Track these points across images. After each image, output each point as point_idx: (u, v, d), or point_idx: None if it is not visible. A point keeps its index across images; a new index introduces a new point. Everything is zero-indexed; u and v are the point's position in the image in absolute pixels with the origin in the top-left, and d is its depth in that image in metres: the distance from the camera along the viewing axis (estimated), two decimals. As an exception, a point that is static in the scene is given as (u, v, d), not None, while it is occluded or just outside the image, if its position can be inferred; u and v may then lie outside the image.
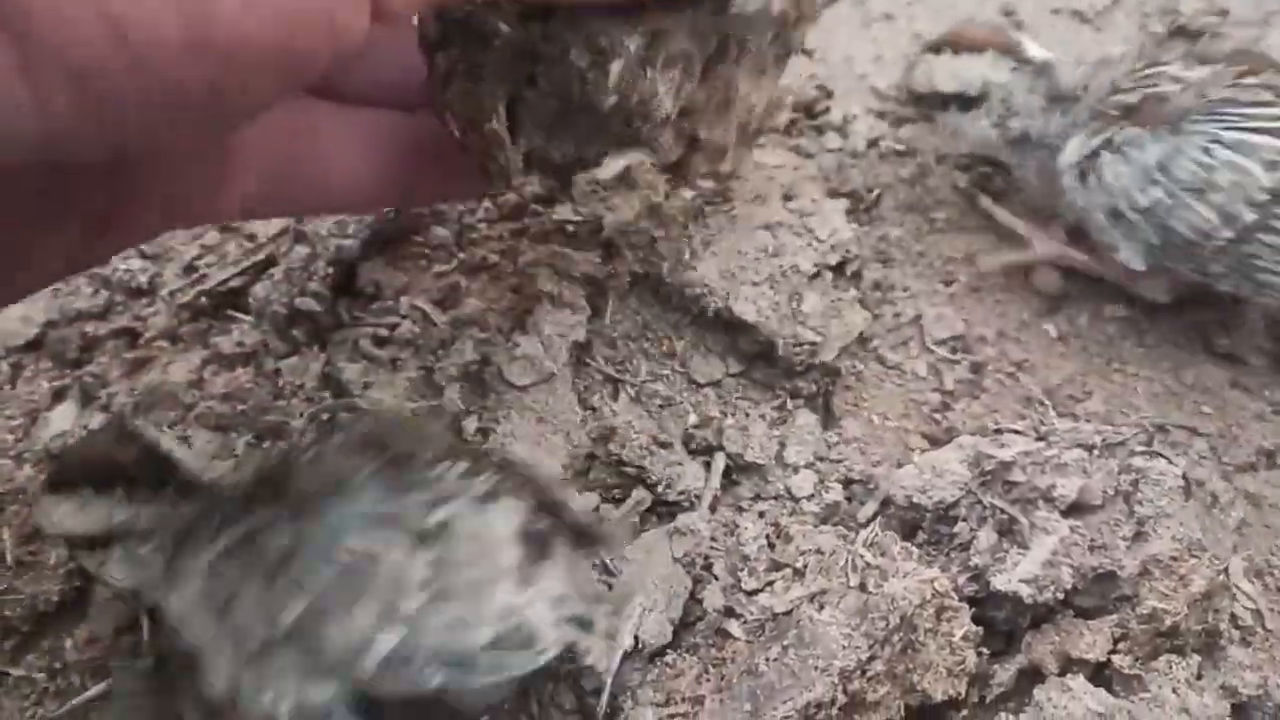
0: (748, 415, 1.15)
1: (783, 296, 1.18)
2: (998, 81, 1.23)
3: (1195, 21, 1.22)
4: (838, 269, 1.23)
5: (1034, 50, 1.25)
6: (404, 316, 1.24)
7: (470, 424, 1.15)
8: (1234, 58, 1.15)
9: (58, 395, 1.20)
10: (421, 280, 1.29)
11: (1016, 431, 1.05)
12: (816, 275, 1.20)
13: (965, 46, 1.25)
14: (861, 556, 0.90)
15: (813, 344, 1.16)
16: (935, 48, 1.27)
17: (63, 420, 1.16)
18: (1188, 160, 1.09)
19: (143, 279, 1.30)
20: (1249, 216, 1.07)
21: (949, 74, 1.24)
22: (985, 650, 0.91)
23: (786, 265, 1.20)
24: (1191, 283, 1.18)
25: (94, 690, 1.01)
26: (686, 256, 1.22)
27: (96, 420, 1.16)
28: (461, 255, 1.31)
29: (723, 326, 1.21)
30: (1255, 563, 1.08)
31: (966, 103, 1.25)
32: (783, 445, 1.14)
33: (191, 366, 1.21)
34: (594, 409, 1.18)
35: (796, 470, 1.12)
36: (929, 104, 1.30)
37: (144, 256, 1.33)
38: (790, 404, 1.17)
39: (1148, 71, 1.15)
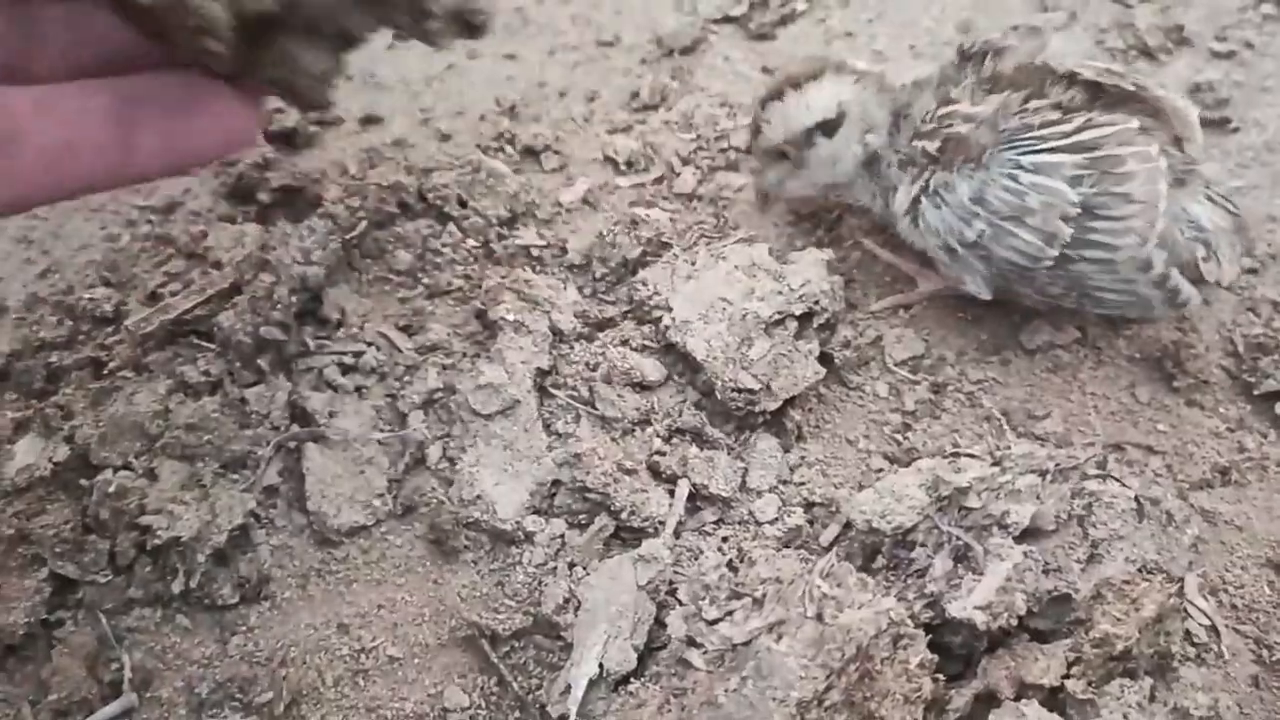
0: (711, 444, 1.17)
1: (734, 339, 1.19)
2: (848, 98, 1.24)
3: (994, 41, 1.24)
4: (803, 319, 1.23)
5: (862, 64, 1.27)
6: (369, 344, 1.25)
7: (434, 451, 1.16)
8: (1016, 80, 1.18)
9: (20, 427, 1.20)
10: (386, 305, 1.30)
11: (973, 455, 1.07)
12: (778, 323, 1.21)
13: (803, 79, 1.24)
14: (818, 587, 0.91)
15: (751, 391, 1.17)
16: (775, 95, 1.25)
17: (27, 454, 1.15)
18: (998, 190, 1.13)
19: (107, 307, 1.30)
20: (1066, 232, 1.11)
21: (803, 108, 1.24)
22: (941, 676, 0.92)
23: (749, 308, 1.21)
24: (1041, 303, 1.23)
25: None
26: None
27: (61, 452, 1.15)
28: (425, 281, 1.32)
29: (679, 358, 1.23)
30: (1210, 579, 1.10)
31: (830, 127, 1.25)
32: (745, 471, 1.15)
33: (157, 396, 1.21)
34: (559, 434, 1.19)
35: (759, 495, 1.13)
36: (796, 146, 1.26)
37: (107, 284, 1.33)
38: (750, 433, 1.18)
39: (942, 112, 1.18)
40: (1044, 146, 1.12)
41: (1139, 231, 1.11)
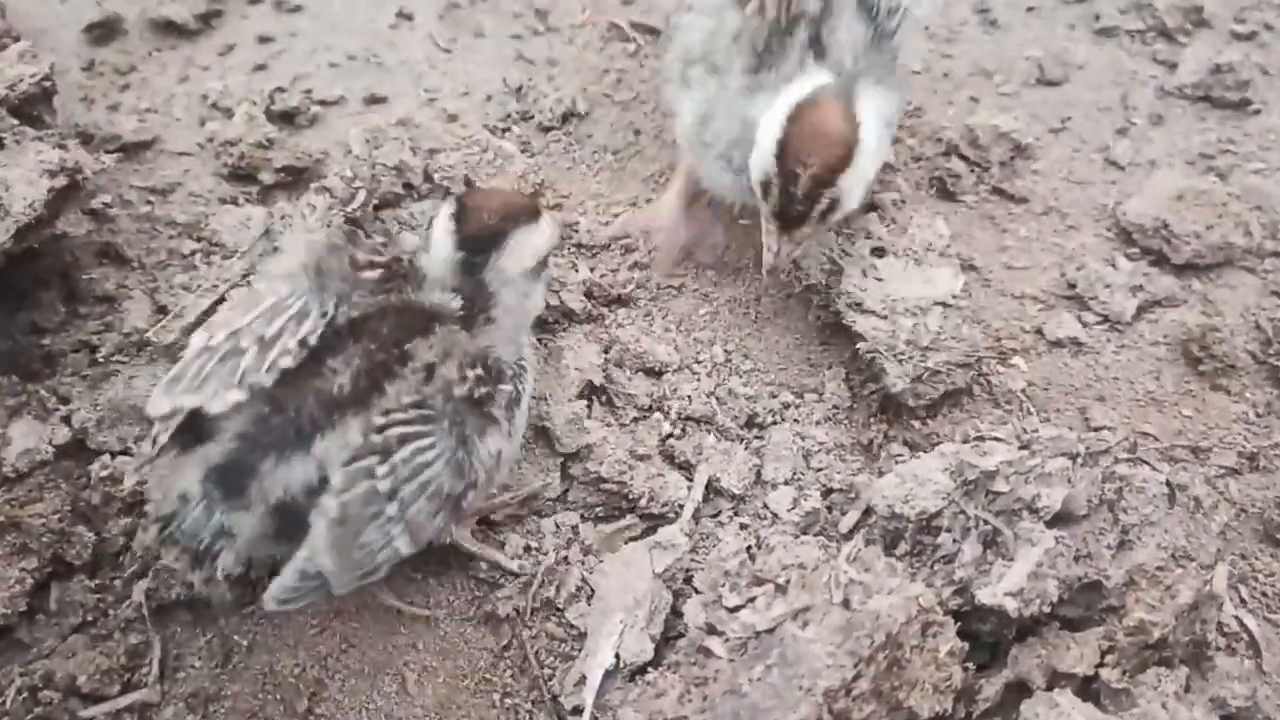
0: (724, 436, 1.15)
1: None
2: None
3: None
4: None
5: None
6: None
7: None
8: None
9: (14, 412, 1.16)
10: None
11: (998, 439, 1.04)
12: None
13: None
14: (845, 572, 0.88)
15: None
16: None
17: (25, 438, 1.12)
18: None
19: (107, 286, 1.26)
20: None
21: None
22: (971, 665, 0.89)
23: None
24: None
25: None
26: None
27: (61, 435, 1.12)
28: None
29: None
30: (1240, 568, 1.07)
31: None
32: (760, 462, 1.13)
33: (155, 379, 1.17)
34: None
35: (775, 487, 1.11)
36: None
37: (104, 265, 1.29)
38: (763, 430, 1.17)
39: None
40: None
41: None
